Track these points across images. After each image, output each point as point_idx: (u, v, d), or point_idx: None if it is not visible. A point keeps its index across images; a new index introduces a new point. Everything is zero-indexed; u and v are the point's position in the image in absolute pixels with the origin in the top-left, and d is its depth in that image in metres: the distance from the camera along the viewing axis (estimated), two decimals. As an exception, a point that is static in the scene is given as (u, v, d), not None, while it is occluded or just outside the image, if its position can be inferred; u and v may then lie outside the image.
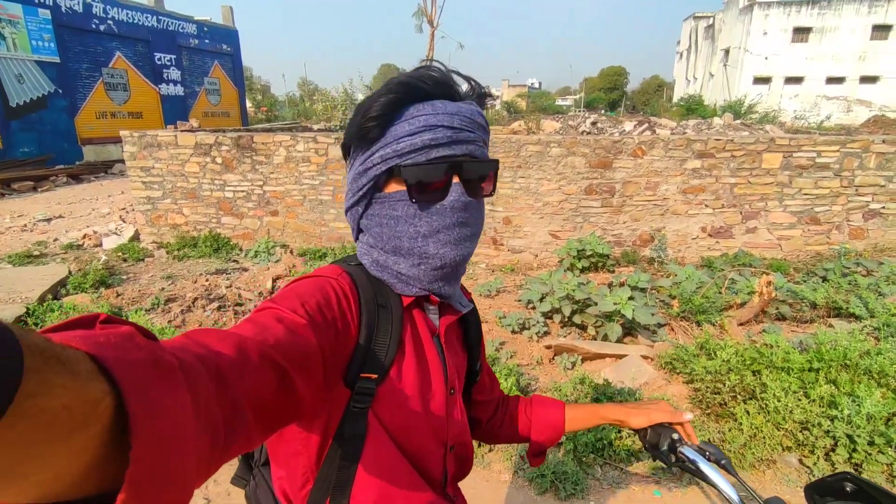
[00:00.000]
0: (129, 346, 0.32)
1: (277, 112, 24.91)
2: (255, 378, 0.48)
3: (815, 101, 28.77)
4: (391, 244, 0.74)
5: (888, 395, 2.57)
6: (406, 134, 0.69)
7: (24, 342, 0.23)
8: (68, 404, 0.25)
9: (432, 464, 0.80)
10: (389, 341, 0.72)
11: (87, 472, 0.28)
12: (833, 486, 0.84)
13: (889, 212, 6.05)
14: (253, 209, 7.03)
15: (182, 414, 0.33)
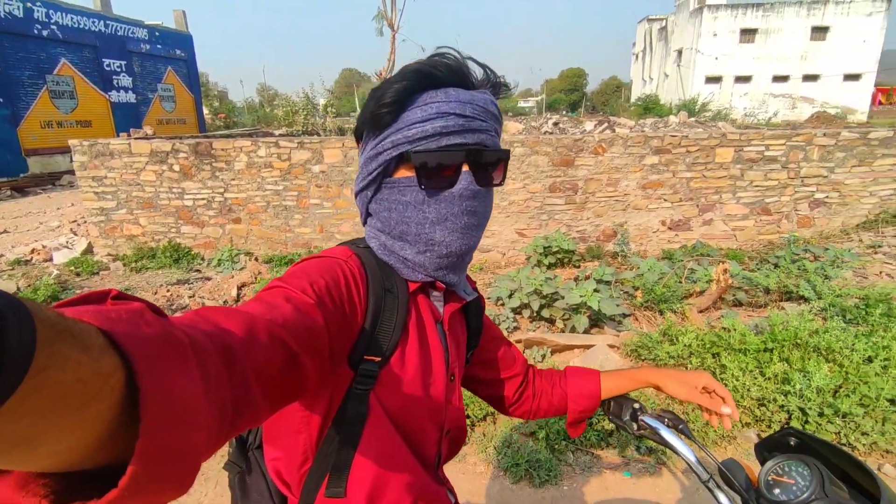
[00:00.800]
0: (140, 321, 0.32)
1: (236, 118, 24.33)
2: (264, 356, 0.49)
3: (763, 98, 30.15)
4: (398, 229, 0.75)
5: (835, 370, 2.72)
6: (418, 120, 0.69)
7: (38, 316, 0.24)
8: (81, 377, 0.26)
9: (427, 447, 0.81)
10: (394, 325, 0.72)
11: (98, 444, 0.29)
12: (779, 441, 0.89)
13: (832, 201, 6.40)
14: (214, 217, 6.86)
15: (191, 389, 0.33)
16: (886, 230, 5.97)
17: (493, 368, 1.01)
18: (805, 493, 0.77)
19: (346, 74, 69.95)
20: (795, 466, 0.82)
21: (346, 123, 18.38)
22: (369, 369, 0.70)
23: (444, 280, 0.78)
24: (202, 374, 0.36)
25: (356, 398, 0.71)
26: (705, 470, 0.93)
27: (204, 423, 0.34)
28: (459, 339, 0.88)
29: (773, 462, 0.85)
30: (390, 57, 17.91)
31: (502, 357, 1.01)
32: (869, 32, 29.81)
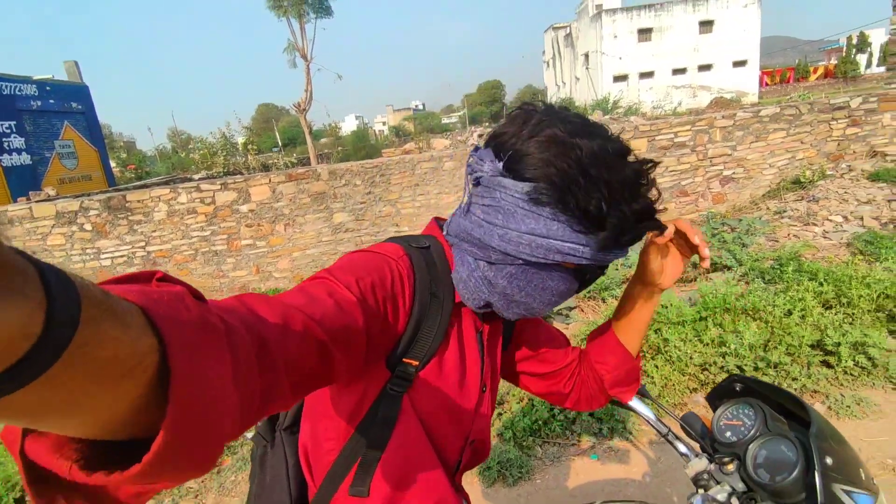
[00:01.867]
0: (180, 305, 0.33)
1: (148, 168, 23.07)
2: (297, 349, 0.49)
3: (667, 91, 32.47)
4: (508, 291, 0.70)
5: (762, 326, 2.93)
6: (542, 234, 0.63)
7: (84, 293, 0.25)
8: (118, 355, 0.27)
9: (450, 453, 0.81)
10: (435, 331, 0.71)
11: (129, 417, 0.30)
12: (727, 388, 0.97)
13: (739, 176, 6.95)
14: (139, 272, 6.45)
15: (221, 375, 0.34)
16: (787, 196, 6.55)
17: (544, 361, 0.96)
18: (751, 432, 0.84)
19: (262, 110, 68.61)
20: (743, 409, 0.89)
21: (270, 160, 17.96)
22: (406, 372, 0.70)
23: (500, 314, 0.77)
24: (233, 361, 0.36)
25: (389, 399, 0.71)
26: (664, 425, 0.98)
27: (230, 408, 0.35)
28: (496, 349, 0.88)
29: (722, 408, 0.92)
30: (307, 87, 17.79)
31: (551, 348, 0.96)
32: (748, 22, 32.96)
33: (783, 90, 31.25)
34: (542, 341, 0.96)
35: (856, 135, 6.95)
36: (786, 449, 0.78)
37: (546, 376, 0.97)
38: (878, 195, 5.74)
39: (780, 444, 0.79)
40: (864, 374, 2.68)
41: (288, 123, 46.33)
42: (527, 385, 1.00)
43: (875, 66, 35.46)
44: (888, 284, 3.18)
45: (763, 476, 0.79)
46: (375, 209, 6.62)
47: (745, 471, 0.81)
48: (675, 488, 2.12)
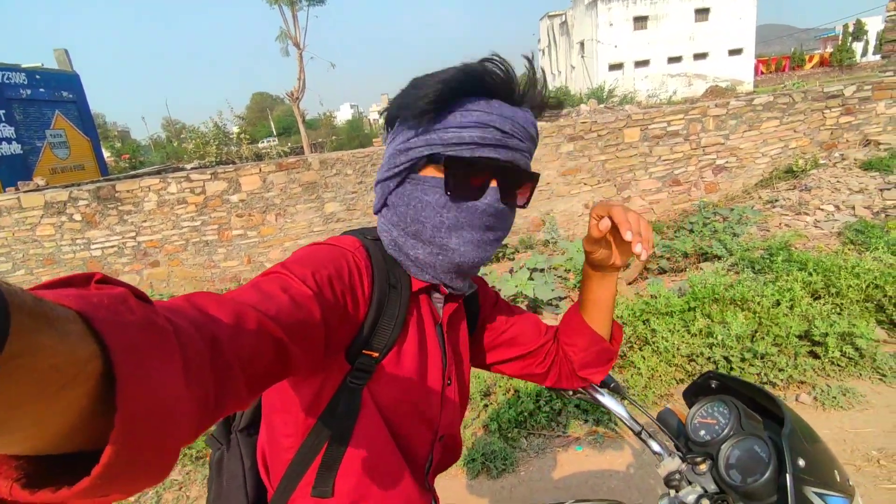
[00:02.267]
0: (122, 308, 0.31)
1: (143, 158, 22.81)
2: (251, 348, 0.48)
3: (662, 79, 32.30)
4: (413, 227, 0.72)
5: (749, 317, 2.93)
6: (456, 125, 0.67)
7: (13, 301, 0.23)
8: (55, 365, 0.25)
9: (419, 450, 0.79)
10: (395, 322, 0.71)
11: (73, 429, 0.28)
12: (702, 385, 0.95)
13: (731, 165, 6.93)
14: (129, 264, 6.40)
15: (171, 378, 0.33)
16: (780, 185, 6.54)
17: (514, 345, 0.95)
18: (724, 430, 0.82)
19: (257, 99, 67.91)
20: (717, 407, 0.87)
21: (263, 149, 17.81)
22: (366, 363, 0.69)
23: (451, 285, 0.77)
24: (184, 363, 0.35)
25: (349, 392, 0.69)
26: (636, 422, 0.96)
27: (182, 412, 0.34)
28: (460, 340, 0.86)
29: (697, 406, 0.90)
30: (300, 76, 17.59)
31: (522, 331, 0.95)
32: (743, 10, 32.77)
33: (778, 78, 31.14)
34: (511, 324, 0.95)
35: (849, 123, 6.93)
36: (758, 449, 0.76)
37: (519, 359, 0.96)
38: (871, 184, 5.74)
39: (752, 443, 0.77)
40: (851, 364, 2.68)
41: (283, 112, 45.90)
42: (501, 370, 0.99)
43: (871, 54, 35.37)
44: (877, 274, 3.17)
45: (735, 477, 0.77)
46: (367, 199, 6.56)
47: (718, 471, 0.79)
48: (658, 481, 2.12)
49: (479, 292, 0.93)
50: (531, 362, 0.95)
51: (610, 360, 0.93)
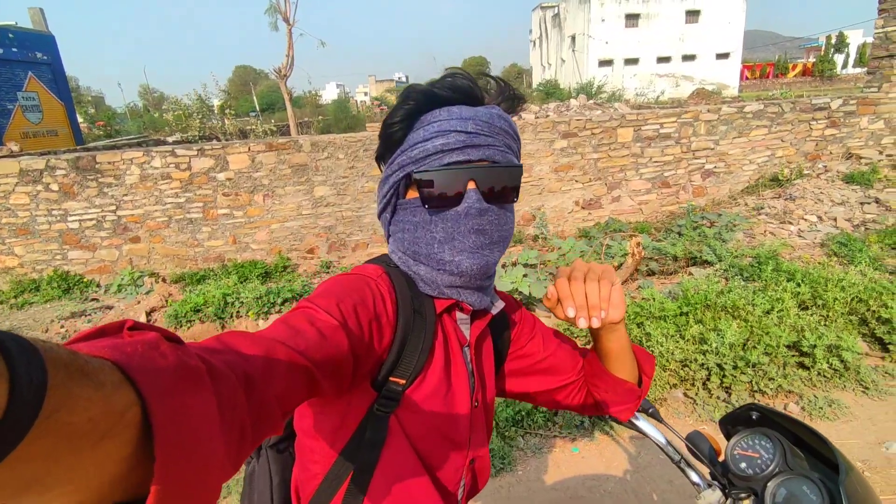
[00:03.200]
0: (154, 354, 0.32)
1: (118, 126, 21.94)
2: (284, 383, 0.49)
3: (651, 79, 32.56)
4: (412, 249, 0.74)
5: (742, 325, 2.99)
6: (420, 140, 0.69)
7: (49, 357, 0.24)
8: (93, 416, 0.25)
9: (450, 476, 0.77)
10: (421, 348, 0.71)
11: (116, 479, 0.29)
12: (741, 416, 0.93)
13: (720, 170, 7.05)
14: (108, 238, 6.19)
15: (207, 419, 0.34)
16: (766, 193, 6.68)
17: (553, 374, 0.91)
18: (770, 466, 0.81)
19: (240, 72, 66.00)
20: (759, 440, 0.85)
21: (248, 125, 17.36)
22: (393, 391, 0.69)
23: (463, 299, 0.75)
24: (218, 402, 0.36)
25: (376, 420, 0.69)
26: (676, 451, 0.95)
27: (220, 449, 0.34)
28: (486, 361, 0.84)
29: (737, 437, 0.88)
30: (288, 52, 17.12)
31: (562, 360, 0.91)
32: (733, 14, 33.15)
33: (762, 84, 31.73)
34: (551, 353, 0.91)
35: (833, 136, 7.10)
36: (808, 491, 0.75)
37: (557, 390, 0.92)
38: (852, 197, 5.91)
39: (802, 484, 0.76)
40: (837, 376, 2.77)
41: (267, 88, 44.78)
42: (531, 399, 0.96)
43: (851, 67, 36.27)
44: (861, 288, 3.28)
45: None
46: (358, 184, 6.48)
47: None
48: (654, 485, 2.17)
49: (509, 313, 0.91)
50: (568, 394, 0.92)
51: (635, 398, 0.88)
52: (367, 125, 8.74)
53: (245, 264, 6.22)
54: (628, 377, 0.86)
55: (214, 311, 4.25)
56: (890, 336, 3.02)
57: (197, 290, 4.79)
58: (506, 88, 0.76)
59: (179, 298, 4.65)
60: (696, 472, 0.91)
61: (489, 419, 0.88)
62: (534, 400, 0.97)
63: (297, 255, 6.55)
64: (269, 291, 4.45)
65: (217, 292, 4.40)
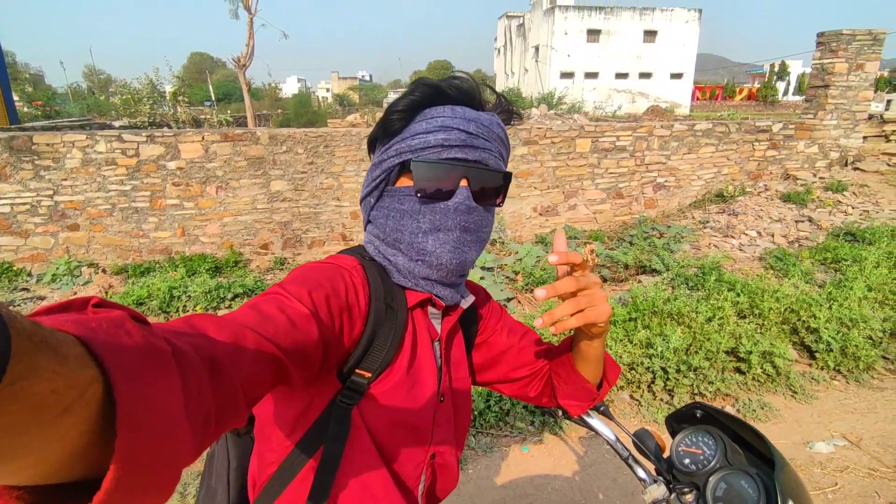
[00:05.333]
0: (120, 332, 0.31)
1: (59, 107, 20.59)
2: (250, 369, 0.48)
3: (609, 93, 33.65)
4: (393, 236, 0.75)
5: (686, 331, 3.14)
6: (422, 131, 0.71)
7: (13, 326, 0.23)
8: (56, 389, 0.25)
9: (410, 471, 0.77)
10: (390, 342, 0.71)
11: (74, 456, 0.28)
12: (686, 414, 0.97)
13: (670, 184, 7.36)
14: (42, 224, 5.80)
15: (171, 401, 0.33)
16: (711, 208, 7.04)
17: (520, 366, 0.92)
18: (712, 462, 0.84)
19: (195, 59, 63.58)
20: (702, 437, 0.89)
21: (202, 114, 16.72)
22: (358, 383, 0.69)
23: (436, 294, 0.76)
24: (183, 385, 0.35)
25: (339, 413, 0.68)
26: (625, 447, 0.97)
27: (183, 433, 0.34)
28: (457, 355, 0.85)
29: (682, 434, 0.92)
30: (248, 42, 16.64)
31: (527, 351, 0.92)
32: (687, 37, 34.80)
33: (711, 106, 33.41)
34: (516, 343, 0.93)
35: (774, 157, 7.57)
36: (746, 485, 0.79)
37: (521, 380, 0.94)
38: (788, 215, 6.31)
39: (740, 479, 0.80)
40: (769, 381, 2.95)
41: (223, 77, 43.30)
42: (497, 388, 0.98)
43: (791, 94, 38.79)
44: (794, 300, 3.50)
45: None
46: (317, 181, 6.35)
47: (704, 502, 0.82)
48: (599, 483, 2.23)
49: (480, 305, 0.92)
50: (528, 384, 0.94)
51: (590, 399, 0.90)
52: (328, 121, 8.60)
53: (194, 258, 5.97)
54: (591, 379, 0.88)
55: (159, 305, 4.05)
56: (817, 344, 3.24)
57: (140, 283, 4.56)
58: (504, 102, 0.80)
59: (121, 290, 4.41)
60: (642, 468, 0.94)
61: (460, 415, 0.87)
62: (499, 389, 0.98)
63: (249, 251, 6.36)
64: (220, 286, 4.30)
65: (163, 285, 4.21)
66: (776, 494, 0.75)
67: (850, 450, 2.51)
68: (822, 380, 3.09)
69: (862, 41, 7.28)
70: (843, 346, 3.17)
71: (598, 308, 0.69)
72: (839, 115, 7.51)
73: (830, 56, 7.40)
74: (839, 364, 3.16)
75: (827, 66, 7.44)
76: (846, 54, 7.30)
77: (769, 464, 0.82)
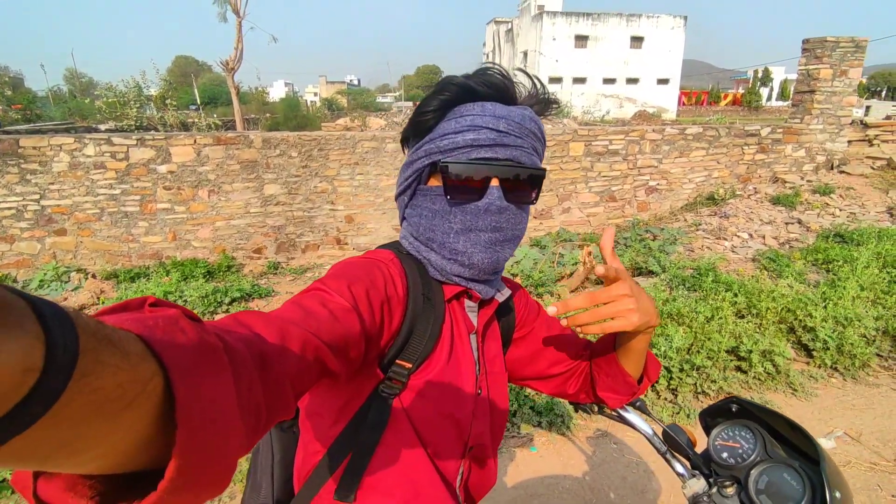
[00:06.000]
0: (175, 329, 0.33)
1: (39, 110, 20.23)
2: (297, 363, 0.50)
3: (597, 98, 34.00)
4: (426, 235, 0.76)
5: (687, 331, 3.16)
6: (451, 131, 0.71)
7: (80, 325, 0.24)
8: (120, 383, 0.26)
9: (449, 464, 0.77)
10: (429, 333, 0.72)
11: (137, 448, 0.30)
12: (721, 408, 0.95)
13: (662, 187, 7.44)
14: (28, 229, 5.68)
15: (225, 394, 0.34)
16: (703, 211, 7.12)
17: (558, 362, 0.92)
18: (751, 455, 0.84)
19: (180, 62, 62.99)
20: (739, 431, 0.88)
21: (188, 118, 16.53)
22: (399, 374, 0.70)
23: (470, 288, 0.77)
24: (236, 380, 0.36)
25: (380, 401, 0.69)
26: (663, 442, 0.96)
27: (237, 425, 0.35)
28: (493, 348, 0.85)
29: (719, 428, 0.91)
30: (237, 45, 16.53)
31: (565, 347, 0.92)
32: (673, 43, 35.35)
33: (697, 111, 33.96)
34: (555, 339, 0.92)
35: (763, 161, 7.70)
36: (789, 478, 0.78)
37: (559, 376, 0.94)
38: (778, 217, 6.40)
39: (783, 471, 0.79)
40: (770, 379, 2.98)
41: (209, 81, 42.90)
42: (535, 386, 0.97)
43: (774, 100, 39.56)
44: (790, 300, 3.55)
45: (766, 503, 0.79)
46: (311, 184, 6.31)
47: (747, 495, 0.81)
48: (610, 482, 2.23)
49: (515, 300, 0.92)
50: (566, 380, 0.94)
51: (631, 393, 0.90)
52: (322, 125, 8.56)
53: (186, 262, 5.89)
54: (632, 374, 0.87)
55: (153, 310, 3.99)
56: (814, 343, 3.29)
57: (133, 288, 4.48)
58: (541, 91, 0.78)
59: (113, 296, 4.33)
60: (680, 462, 0.94)
61: (497, 411, 0.86)
62: (536, 387, 0.97)
63: (242, 255, 6.28)
64: (217, 290, 4.24)
65: (157, 290, 4.14)
66: (821, 487, 0.74)
67: (851, 445, 2.54)
68: (820, 377, 3.12)
69: (845, 48, 7.44)
70: (839, 344, 3.22)
71: (625, 318, 0.69)
72: (825, 120, 7.67)
73: (815, 62, 7.55)
74: (836, 362, 3.20)
75: (812, 71, 7.60)
76: (830, 60, 7.46)
77: (806, 456, 0.82)
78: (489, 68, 0.74)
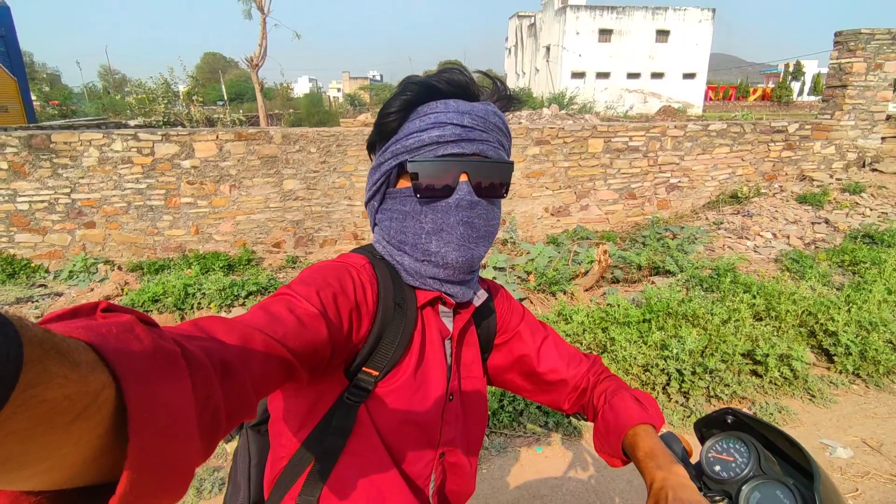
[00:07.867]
0: (129, 336, 0.32)
1: (75, 106, 20.86)
2: (260, 370, 0.49)
3: (621, 93, 33.44)
4: (398, 238, 0.75)
5: (701, 333, 3.10)
6: (416, 130, 0.70)
7: (25, 334, 0.23)
8: (69, 394, 0.25)
9: (419, 470, 0.76)
10: (398, 340, 0.71)
11: (88, 462, 0.29)
12: (717, 419, 0.92)
13: (683, 185, 7.30)
14: (60, 222, 5.89)
15: (182, 403, 0.34)
16: (725, 209, 6.96)
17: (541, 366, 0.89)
18: (744, 470, 0.81)
19: (208, 59, 64.14)
20: (733, 444, 0.85)
21: (215, 113, 16.86)
22: (365, 381, 0.69)
23: (445, 292, 0.76)
24: (193, 387, 0.35)
25: (345, 408, 0.69)
26: None
27: (194, 434, 0.34)
28: (470, 353, 0.84)
29: (712, 440, 0.88)
30: (261, 42, 16.76)
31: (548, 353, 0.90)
32: (700, 37, 34.47)
33: (724, 106, 33.05)
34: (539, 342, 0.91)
35: (790, 158, 7.47)
36: (782, 496, 0.76)
37: (545, 385, 0.92)
38: (804, 217, 6.22)
39: (776, 489, 0.77)
40: (787, 384, 2.91)
41: (236, 77, 43.64)
42: (518, 391, 0.96)
43: (806, 95, 38.25)
44: (811, 302, 3.45)
45: None
46: (329, 180, 6.38)
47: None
48: (614, 486, 2.21)
49: (496, 303, 0.91)
50: (558, 395, 0.92)
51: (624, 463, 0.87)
52: (340, 121, 8.63)
53: (207, 255, 6.03)
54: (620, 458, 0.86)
55: (174, 302, 4.09)
56: (835, 348, 3.19)
57: (156, 280, 4.61)
58: (501, 88, 0.78)
59: (137, 287, 4.46)
60: None
61: (472, 414, 0.85)
62: (520, 392, 0.97)
63: (262, 249, 6.40)
64: (234, 283, 4.33)
65: (178, 282, 4.25)
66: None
67: (871, 455, 2.46)
68: (840, 384, 3.04)
69: (881, 40, 7.15)
70: (862, 349, 3.12)
71: None
72: (857, 116, 7.40)
73: (848, 55, 7.28)
74: (858, 368, 3.11)
75: (845, 65, 7.33)
76: (864, 53, 7.19)
77: (804, 473, 0.79)
78: (450, 68, 0.74)
